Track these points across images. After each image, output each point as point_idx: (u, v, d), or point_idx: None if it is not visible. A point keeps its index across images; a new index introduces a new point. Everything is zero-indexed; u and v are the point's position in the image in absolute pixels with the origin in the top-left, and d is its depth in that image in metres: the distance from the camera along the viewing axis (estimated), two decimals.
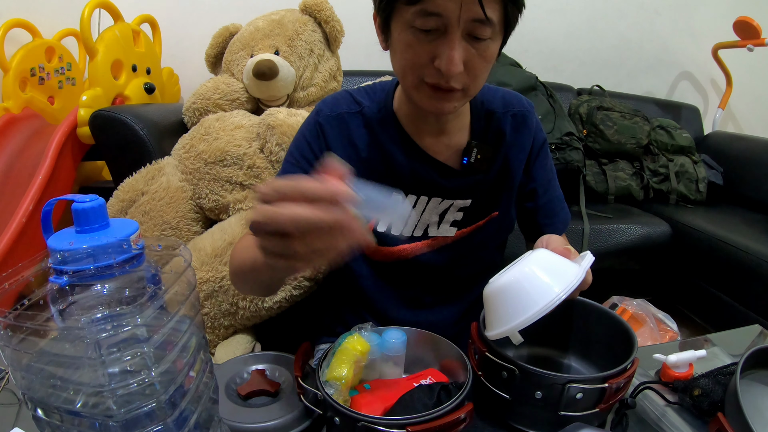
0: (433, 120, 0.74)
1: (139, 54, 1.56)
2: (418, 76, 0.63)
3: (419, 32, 0.60)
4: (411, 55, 0.62)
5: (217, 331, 1.17)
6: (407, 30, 0.60)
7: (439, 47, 0.60)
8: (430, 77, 0.62)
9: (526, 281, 0.54)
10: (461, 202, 0.78)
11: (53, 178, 1.28)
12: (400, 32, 0.62)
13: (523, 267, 0.55)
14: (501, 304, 0.55)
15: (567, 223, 0.89)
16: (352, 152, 0.76)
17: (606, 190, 1.82)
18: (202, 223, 1.29)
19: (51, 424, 0.40)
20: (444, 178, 0.76)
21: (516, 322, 0.52)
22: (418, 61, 0.62)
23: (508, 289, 0.55)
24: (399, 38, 0.62)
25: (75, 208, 0.40)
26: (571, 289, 0.52)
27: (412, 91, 0.66)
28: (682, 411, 0.60)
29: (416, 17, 0.58)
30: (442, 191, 0.77)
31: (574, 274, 0.53)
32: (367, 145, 0.76)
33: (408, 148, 0.76)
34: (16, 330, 0.37)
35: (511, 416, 0.59)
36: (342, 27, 1.42)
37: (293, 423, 0.57)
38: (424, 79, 0.63)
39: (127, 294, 0.42)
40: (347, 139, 0.76)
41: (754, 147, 1.96)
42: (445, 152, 0.76)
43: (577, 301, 0.69)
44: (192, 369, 0.46)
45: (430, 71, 0.62)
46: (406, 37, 0.61)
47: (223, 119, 1.26)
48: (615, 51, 2.32)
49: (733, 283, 1.46)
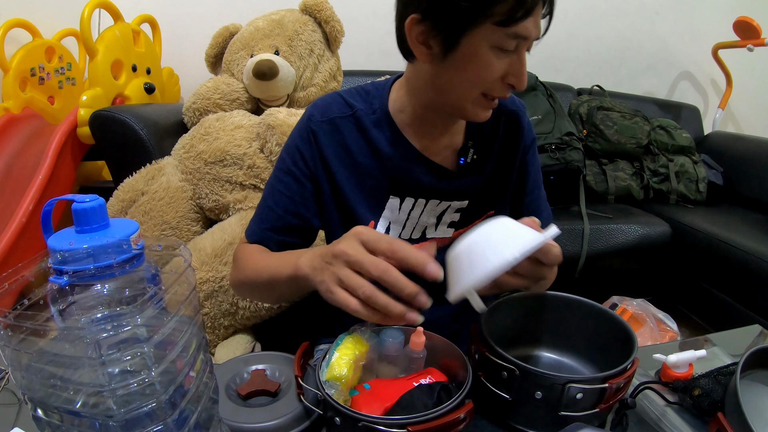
0: (441, 123, 0.75)
1: (139, 54, 1.56)
2: (483, 90, 0.65)
3: (500, 51, 0.61)
4: (487, 72, 0.63)
5: (217, 331, 1.17)
6: (488, 49, 0.61)
7: (512, 65, 0.63)
8: (497, 91, 0.65)
9: (484, 242, 0.53)
10: (458, 203, 0.78)
11: (53, 178, 1.28)
12: (476, 49, 0.62)
13: (482, 230, 0.55)
14: (459, 266, 0.54)
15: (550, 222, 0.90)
16: (346, 157, 0.76)
17: (606, 190, 1.82)
18: (202, 223, 1.29)
19: (51, 424, 0.40)
20: (441, 181, 0.76)
21: (471, 281, 0.51)
22: (491, 77, 0.63)
23: (466, 251, 0.54)
24: (474, 54, 0.62)
25: (75, 208, 0.40)
26: (526, 251, 0.51)
27: (466, 104, 0.67)
28: (682, 411, 0.60)
29: (504, 38, 0.60)
30: (440, 193, 0.77)
31: (533, 238, 0.52)
32: (361, 149, 0.75)
33: (404, 151, 0.75)
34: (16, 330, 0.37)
35: (511, 416, 0.59)
36: (342, 27, 1.42)
37: (293, 423, 0.57)
38: (488, 93, 0.65)
39: (127, 294, 0.42)
40: (341, 144, 0.76)
41: (754, 147, 1.96)
42: (441, 153, 0.77)
43: (577, 301, 0.69)
44: (192, 369, 0.46)
45: (498, 86, 0.65)
46: (486, 56, 0.62)
47: (223, 119, 1.26)
48: (615, 51, 2.32)
49: (733, 283, 1.46)
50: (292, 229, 0.77)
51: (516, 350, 0.68)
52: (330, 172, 0.75)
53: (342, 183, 0.76)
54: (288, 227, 0.77)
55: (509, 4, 0.58)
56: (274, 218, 0.77)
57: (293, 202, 0.76)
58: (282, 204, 0.76)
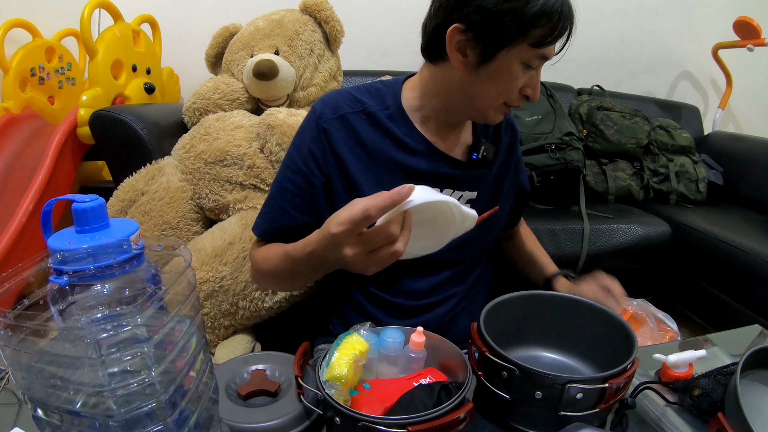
0: (455, 122, 0.81)
1: (139, 54, 1.56)
2: (506, 100, 0.73)
3: (526, 68, 0.70)
4: (513, 84, 0.71)
5: (217, 331, 1.17)
6: (519, 65, 0.69)
7: (531, 79, 0.72)
8: (516, 101, 0.74)
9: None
10: (469, 193, 0.83)
11: (53, 178, 1.27)
12: (509, 64, 0.69)
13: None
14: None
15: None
16: (361, 152, 0.77)
17: (606, 190, 1.82)
18: (202, 223, 1.29)
19: (51, 424, 0.40)
20: (454, 169, 0.81)
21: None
22: (514, 88, 0.72)
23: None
24: (505, 69, 0.69)
25: (75, 208, 0.40)
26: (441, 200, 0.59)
27: (489, 110, 0.75)
28: (682, 411, 0.60)
29: (533, 57, 0.69)
30: (453, 182, 0.81)
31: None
32: (376, 143, 0.77)
33: (420, 144, 0.79)
34: (16, 330, 0.37)
35: (511, 416, 0.59)
36: (342, 27, 1.42)
37: (293, 423, 0.57)
38: (509, 103, 0.74)
39: (127, 294, 0.42)
40: (354, 139, 0.77)
41: (754, 147, 1.96)
42: (453, 148, 0.82)
43: (578, 301, 0.69)
44: (192, 369, 0.46)
45: (516, 96, 0.73)
46: (516, 70, 0.69)
47: (223, 119, 1.26)
48: (615, 51, 2.32)
49: (733, 283, 1.46)
50: (305, 227, 0.79)
51: (516, 350, 0.68)
52: (344, 167, 0.77)
53: (357, 177, 0.77)
54: (301, 226, 0.78)
55: (545, 30, 0.66)
56: (287, 218, 0.79)
57: (305, 202, 0.78)
58: (294, 204, 0.78)
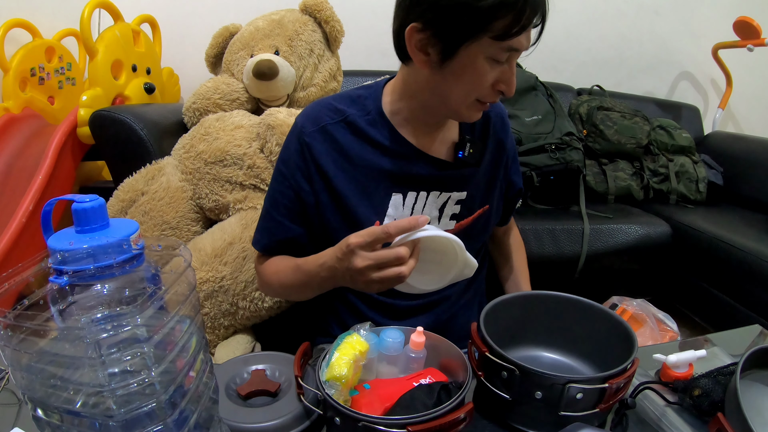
0: (436, 122, 0.78)
1: (139, 54, 1.56)
2: (477, 96, 0.70)
3: (493, 62, 0.66)
4: (481, 80, 0.67)
5: (217, 331, 1.17)
6: (483, 60, 0.65)
7: (503, 73, 0.68)
8: (489, 97, 0.70)
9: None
10: (458, 194, 0.81)
11: (53, 178, 1.27)
12: (473, 60, 0.65)
13: None
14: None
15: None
16: (344, 162, 0.77)
17: (606, 190, 1.82)
18: (202, 223, 1.29)
19: (51, 424, 0.40)
20: (441, 171, 0.79)
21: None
22: (483, 84, 0.68)
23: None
24: (468, 64, 0.66)
25: (75, 208, 0.40)
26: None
27: (461, 108, 0.71)
28: (682, 411, 0.60)
29: (498, 51, 0.65)
30: (440, 183, 0.80)
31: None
32: (358, 152, 0.77)
33: (402, 147, 0.77)
34: (16, 330, 0.37)
35: (511, 416, 0.59)
36: (342, 27, 1.42)
37: (293, 423, 0.57)
38: (481, 99, 0.70)
39: (127, 294, 0.42)
40: (337, 150, 0.77)
41: (754, 147, 1.96)
42: (438, 148, 0.80)
43: (577, 301, 0.69)
44: (192, 369, 0.46)
45: (489, 92, 0.69)
46: (481, 66, 0.66)
47: (223, 119, 1.26)
48: (615, 51, 2.32)
49: (733, 283, 1.46)
50: (302, 237, 0.81)
51: (516, 350, 0.68)
52: (328, 179, 0.77)
53: (341, 188, 0.77)
54: (300, 236, 0.81)
55: (506, 21, 0.62)
56: (285, 230, 0.80)
57: (298, 214, 0.80)
58: (289, 216, 0.79)
